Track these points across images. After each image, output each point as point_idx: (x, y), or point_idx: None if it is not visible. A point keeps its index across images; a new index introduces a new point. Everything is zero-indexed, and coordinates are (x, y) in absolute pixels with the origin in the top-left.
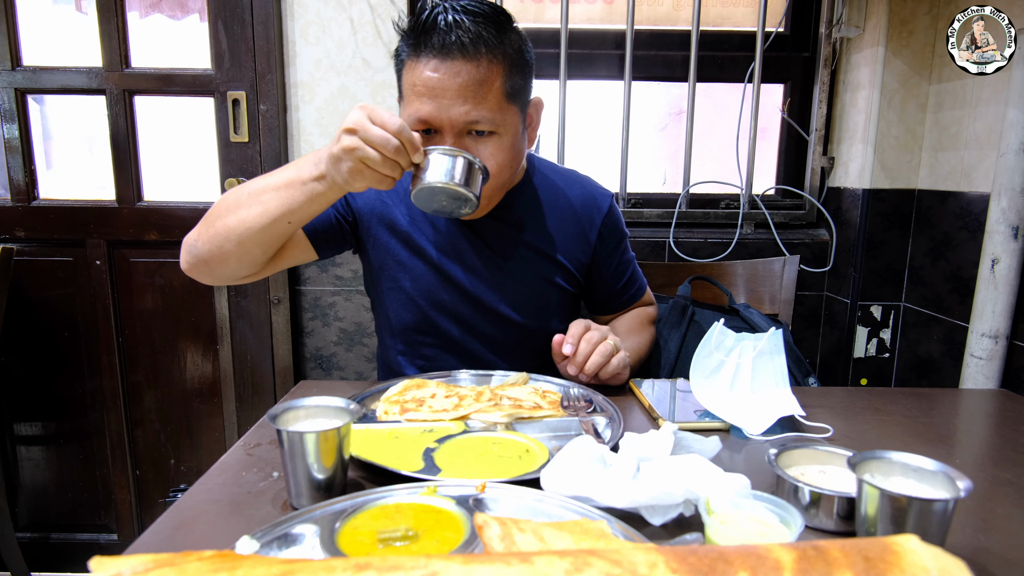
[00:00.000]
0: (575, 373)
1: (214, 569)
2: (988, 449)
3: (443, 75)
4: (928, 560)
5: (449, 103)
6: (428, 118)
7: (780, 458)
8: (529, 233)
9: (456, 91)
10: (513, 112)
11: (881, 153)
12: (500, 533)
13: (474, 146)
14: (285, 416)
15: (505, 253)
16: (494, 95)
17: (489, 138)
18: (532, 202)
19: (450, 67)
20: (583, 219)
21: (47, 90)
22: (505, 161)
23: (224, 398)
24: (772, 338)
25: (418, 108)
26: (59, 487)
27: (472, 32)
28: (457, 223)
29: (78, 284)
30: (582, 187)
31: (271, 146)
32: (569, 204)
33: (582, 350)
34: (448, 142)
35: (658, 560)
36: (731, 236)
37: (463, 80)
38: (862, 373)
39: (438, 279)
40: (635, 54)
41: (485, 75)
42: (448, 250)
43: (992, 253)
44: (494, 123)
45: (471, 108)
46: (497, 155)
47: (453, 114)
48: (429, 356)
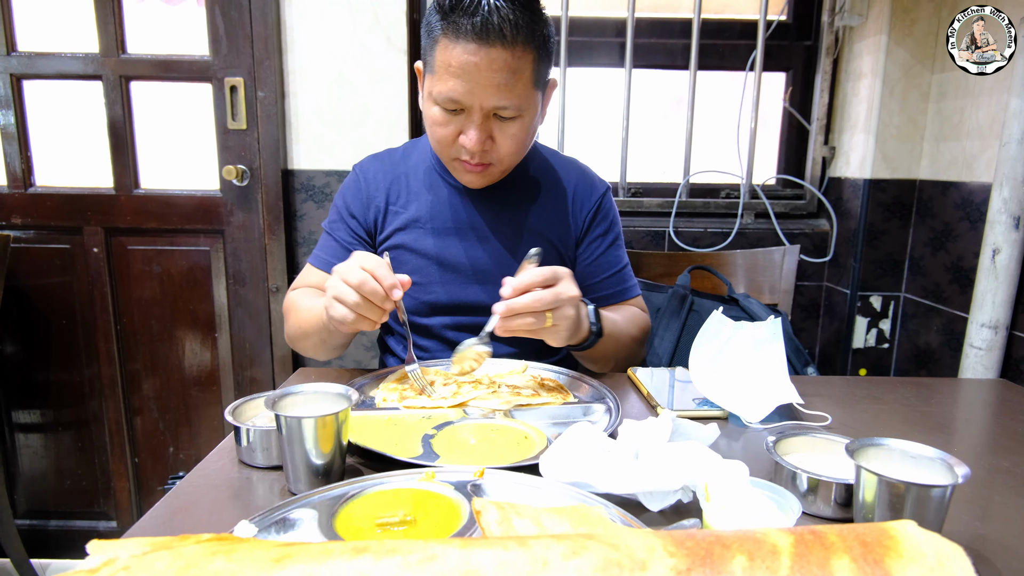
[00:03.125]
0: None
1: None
2: (986, 438)
3: (480, 60)
4: (925, 545)
5: (483, 88)
6: (460, 99)
7: (778, 445)
8: (525, 216)
9: (490, 77)
10: (537, 97)
11: (883, 143)
12: (498, 518)
13: (497, 127)
14: (283, 402)
15: (502, 237)
16: (524, 83)
17: (513, 122)
18: (532, 184)
19: (488, 53)
20: (576, 202)
21: (43, 76)
22: (524, 142)
23: (223, 387)
24: (771, 326)
25: (452, 87)
26: (58, 475)
27: (512, 19)
28: (456, 205)
29: (76, 272)
30: (580, 173)
31: (269, 133)
32: (565, 188)
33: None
34: (475, 121)
35: (656, 544)
36: (731, 226)
37: (498, 67)
38: (861, 363)
39: (436, 265)
40: (636, 42)
41: (519, 64)
42: (449, 226)
43: (993, 243)
44: (520, 109)
45: (503, 95)
46: (518, 136)
47: (485, 99)
48: (439, 334)
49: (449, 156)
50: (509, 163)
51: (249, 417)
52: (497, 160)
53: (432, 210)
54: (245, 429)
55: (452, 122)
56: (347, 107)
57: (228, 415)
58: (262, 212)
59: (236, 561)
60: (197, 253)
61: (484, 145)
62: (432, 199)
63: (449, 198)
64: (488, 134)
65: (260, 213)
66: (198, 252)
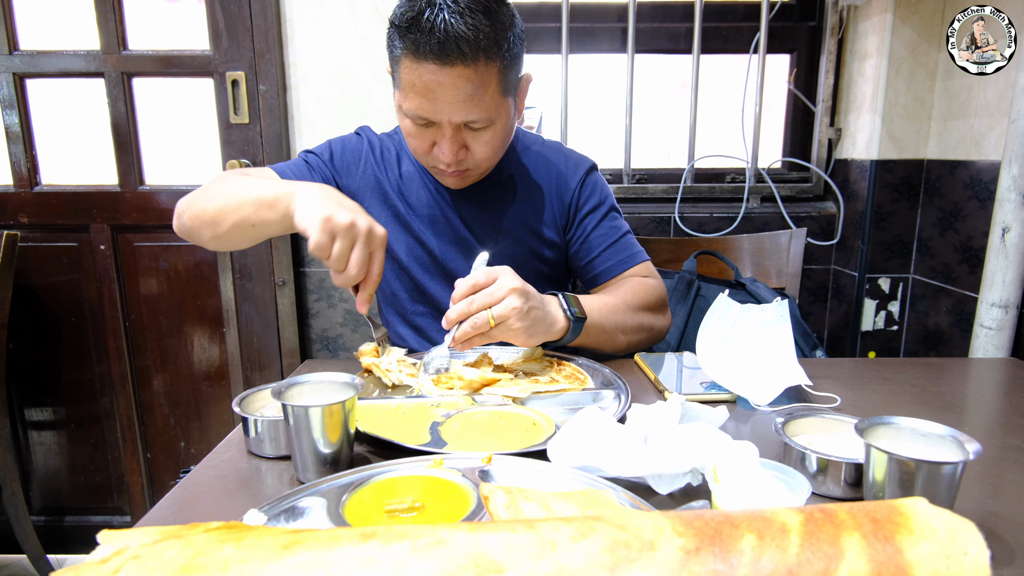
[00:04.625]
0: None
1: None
2: (997, 416)
3: (443, 79)
4: (937, 521)
5: (449, 105)
6: (428, 116)
7: (787, 427)
8: (514, 204)
9: (454, 94)
10: (507, 103)
11: (889, 123)
12: (506, 502)
13: (470, 136)
14: (291, 392)
15: (492, 224)
16: (490, 94)
17: (484, 131)
18: (519, 173)
19: (449, 72)
20: (560, 188)
21: (45, 74)
22: (499, 146)
23: (232, 381)
24: (778, 308)
25: (419, 105)
26: (71, 471)
27: (471, 36)
28: (445, 194)
29: (83, 269)
30: (565, 156)
31: (272, 127)
32: (548, 175)
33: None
34: (446, 135)
35: (664, 524)
36: (737, 210)
37: (462, 84)
38: (870, 346)
39: (426, 249)
40: (638, 27)
41: (483, 78)
42: (437, 220)
43: (1002, 222)
44: (490, 119)
45: (470, 110)
46: (492, 142)
47: (452, 115)
48: (421, 326)
49: (427, 164)
50: (487, 166)
51: (257, 408)
52: (474, 165)
53: (419, 197)
54: (253, 420)
55: (425, 134)
56: (349, 99)
57: (236, 406)
58: None
59: (245, 548)
60: (203, 248)
61: (458, 155)
62: (421, 186)
63: (438, 188)
64: (461, 144)
65: None
66: (204, 248)
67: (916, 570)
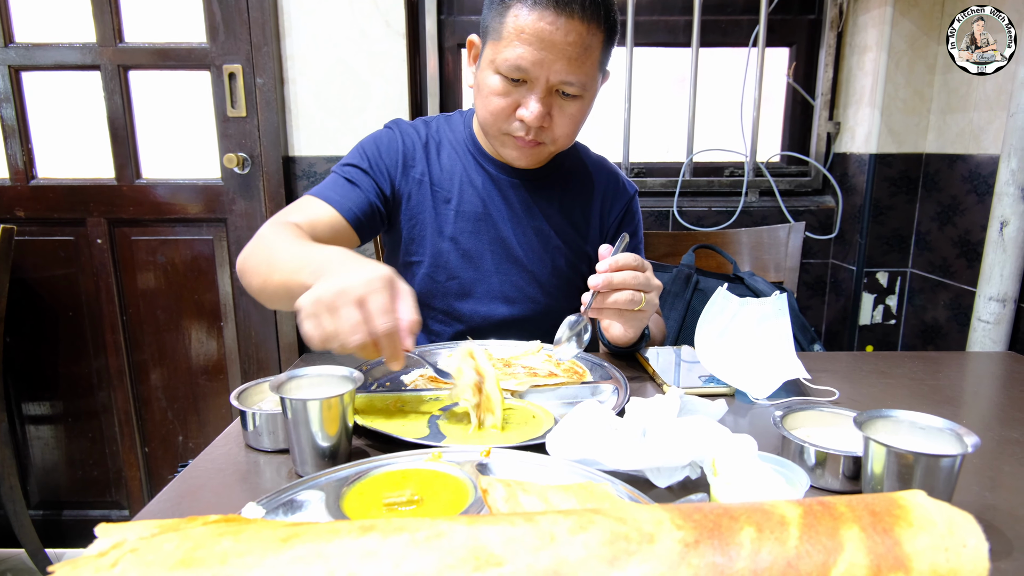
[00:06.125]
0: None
1: (219, 533)
2: (995, 409)
3: (556, 29)
4: (936, 513)
5: (553, 59)
6: (528, 68)
7: (786, 420)
8: (553, 211)
9: (563, 49)
10: (598, 80)
11: (888, 117)
12: (505, 495)
13: (557, 105)
14: (288, 385)
15: (528, 230)
16: (591, 61)
17: (573, 101)
18: (563, 180)
19: (565, 24)
20: (605, 204)
21: (41, 67)
22: (579, 124)
23: (230, 375)
24: (776, 301)
25: (521, 55)
26: (69, 465)
27: None
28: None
29: (80, 263)
30: (610, 175)
31: (269, 120)
32: (595, 188)
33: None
34: (538, 94)
35: (663, 517)
36: (735, 204)
37: (573, 40)
38: (868, 340)
39: (454, 254)
40: (637, 20)
41: (591, 40)
42: (471, 221)
43: (1001, 216)
44: (584, 88)
45: (571, 70)
46: (576, 117)
47: (553, 71)
48: (436, 331)
49: (500, 130)
50: (561, 144)
51: (255, 401)
52: (551, 140)
53: (462, 192)
54: (251, 413)
55: (512, 93)
56: (347, 93)
57: (234, 400)
58: (264, 200)
59: (244, 541)
60: (200, 242)
61: (543, 121)
62: (464, 180)
63: (483, 183)
64: (548, 110)
65: (262, 201)
66: (201, 241)
67: (915, 562)
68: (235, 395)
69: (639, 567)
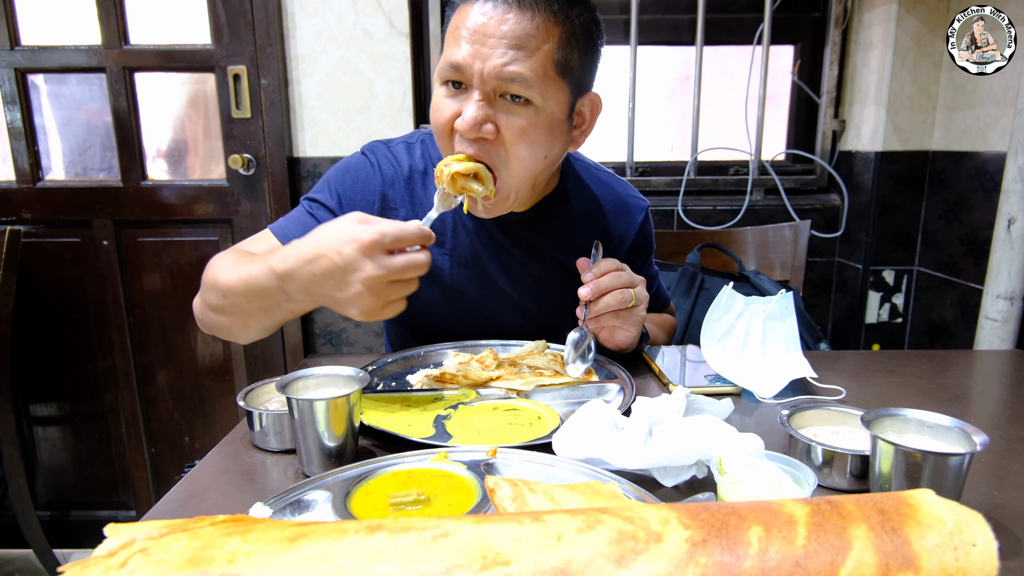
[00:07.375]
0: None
1: (227, 532)
2: (1003, 408)
3: (490, 20)
4: (944, 512)
5: (488, 51)
6: (461, 63)
7: (792, 419)
8: (557, 249)
9: (499, 38)
10: (560, 89)
11: (894, 114)
12: (512, 495)
13: (504, 111)
14: (295, 385)
15: (530, 269)
16: (540, 58)
17: (523, 107)
18: (564, 215)
19: (502, 12)
20: (614, 231)
21: (47, 69)
22: (535, 142)
23: (236, 376)
24: (782, 300)
25: (453, 51)
26: (77, 466)
27: None
28: (480, 240)
29: (87, 265)
30: (616, 196)
31: (274, 121)
32: (602, 215)
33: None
34: (475, 96)
35: (670, 516)
36: (740, 203)
37: (509, 27)
38: (874, 339)
39: (450, 301)
40: (640, 18)
41: (535, 31)
42: (467, 267)
43: (1008, 213)
44: (532, 87)
45: (509, 61)
46: (528, 131)
47: (488, 64)
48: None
49: (447, 149)
50: (516, 177)
51: (262, 402)
52: (502, 163)
53: (456, 236)
54: (258, 414)
55: (451, 104)
56: (351, 93)
57: (241, 400)
58: (269, 200)
59: (251, 541)
60: (206, 243)
61: (481, 129)
62: (457, 221)
63: (475, 227)
64: (488, 116)
65: (267, 202)
66: (207, 242)
67: (924, 561)
68: (241, 395)
69: (646, 566)
